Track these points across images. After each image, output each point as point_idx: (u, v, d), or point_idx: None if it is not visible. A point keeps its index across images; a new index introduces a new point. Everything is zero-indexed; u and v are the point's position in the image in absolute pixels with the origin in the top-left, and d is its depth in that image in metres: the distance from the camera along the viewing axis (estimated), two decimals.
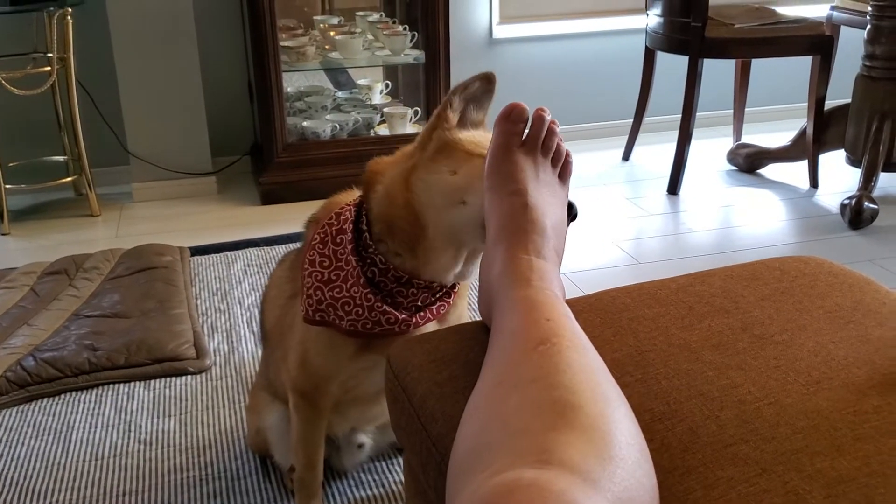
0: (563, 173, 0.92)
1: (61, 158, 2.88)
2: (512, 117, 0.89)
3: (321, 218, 1.14)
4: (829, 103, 2.85)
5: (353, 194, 1.16)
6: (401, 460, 1.49)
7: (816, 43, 2.76)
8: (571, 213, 0.93)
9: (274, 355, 1.27)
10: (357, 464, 1.46)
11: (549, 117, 0.91)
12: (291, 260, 1.26)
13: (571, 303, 0.85)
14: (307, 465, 1.28)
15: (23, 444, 1.55)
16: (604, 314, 0.89)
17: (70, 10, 2.53)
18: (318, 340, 1.13)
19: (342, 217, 1.09)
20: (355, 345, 1.11)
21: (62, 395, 1.70)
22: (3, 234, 2.59)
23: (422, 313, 1.09)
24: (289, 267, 1.25)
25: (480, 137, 1.03)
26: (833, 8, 3.08)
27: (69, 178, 2.78)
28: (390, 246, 1.06)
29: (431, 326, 1.11)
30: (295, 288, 1.18)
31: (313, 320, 1.09)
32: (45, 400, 1.69)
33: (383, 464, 1.48)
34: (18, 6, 2.47)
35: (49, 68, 2.56)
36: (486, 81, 1.04)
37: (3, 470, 1.48)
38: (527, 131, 0.90)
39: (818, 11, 3.12)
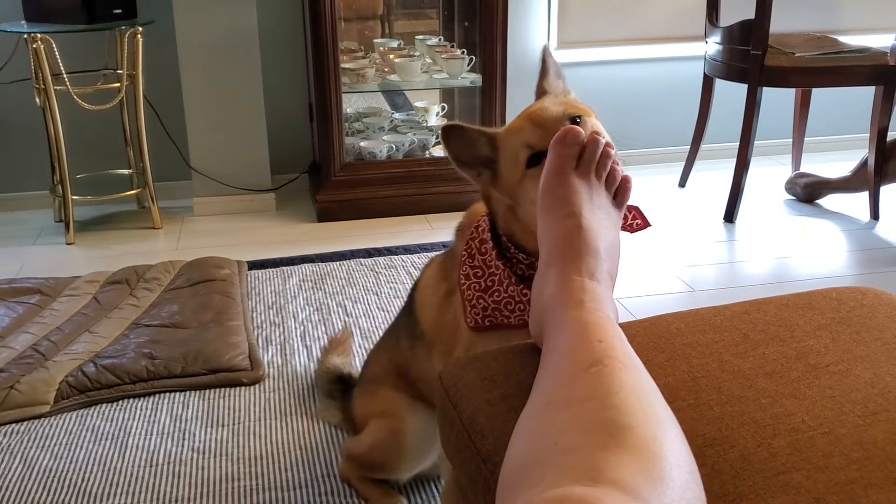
0: (619, 196, 0.92)
1: (126, 172, 2.97)
2: (567, 141, 0.89)
3: (465, 226, 1.20)
4: (892, 134, 2.79)
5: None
6: None
7: (880, 73, 2.71)
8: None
9: (430, 352, 1.29)
10: None
11: (603, 140, 0.91)
12: (439, 262, 1.30)
13: (625, 327, 0.85)
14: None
15: (81, 447, 1.60)
16: (657, 339, 0.89)
17: (140, 28, 2.62)
18: (488, 336, 1.14)
19: (479, 228, 1.14)
20: (525, 335, 1.13)
21: (120, 402, 1.75)
22: (68, 244, 2.68)
23: None
24: (437, 268, 1.29)
25: (507, 155, 1.05)
26: None
27: (133, 191, 2.86)
28: (529, 249, 1.10)
29: None
30: (449, 286, 1.23)
31: (483, 327, 1.13)
32: (104, 405, 1.74)
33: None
34: (93, 24, 2.57)
35: (118, 84, 2.65)
36: (452, 130, 1.06)
37: (62, 471, 1.53)
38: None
39: (882, 41, 3.06)
